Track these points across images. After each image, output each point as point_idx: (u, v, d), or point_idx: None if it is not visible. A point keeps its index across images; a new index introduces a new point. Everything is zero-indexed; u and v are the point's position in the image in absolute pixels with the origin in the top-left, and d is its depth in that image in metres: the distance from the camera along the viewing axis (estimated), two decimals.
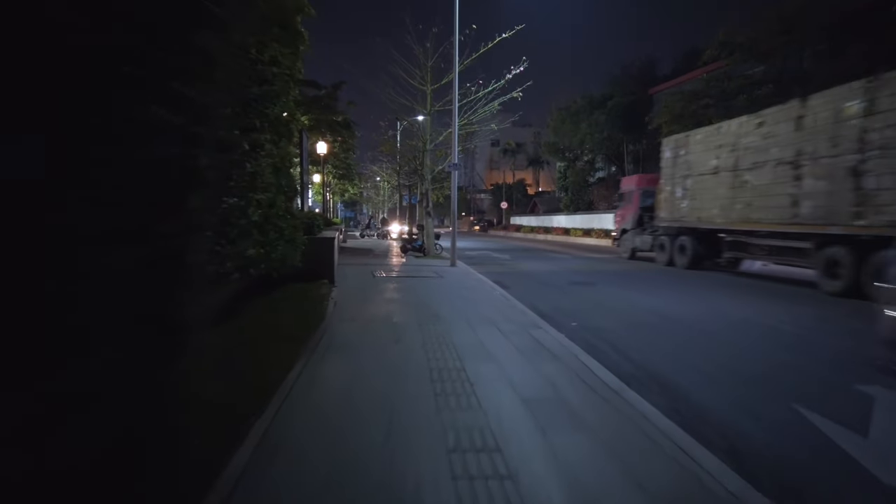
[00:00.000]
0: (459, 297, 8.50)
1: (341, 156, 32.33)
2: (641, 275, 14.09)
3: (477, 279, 11.29)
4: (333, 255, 9.67)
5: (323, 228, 11.11)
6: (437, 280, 10.80)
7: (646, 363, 5.27)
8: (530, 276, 13.58)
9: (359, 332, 5.79)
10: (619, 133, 35.70)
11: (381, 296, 8.49)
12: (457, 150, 14.07)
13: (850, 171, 9.74)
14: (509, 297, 8.81)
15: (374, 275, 11.45)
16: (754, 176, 12.38)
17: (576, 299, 9.62)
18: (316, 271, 9.37)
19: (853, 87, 10.14)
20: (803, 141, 11.02)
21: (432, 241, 17.20)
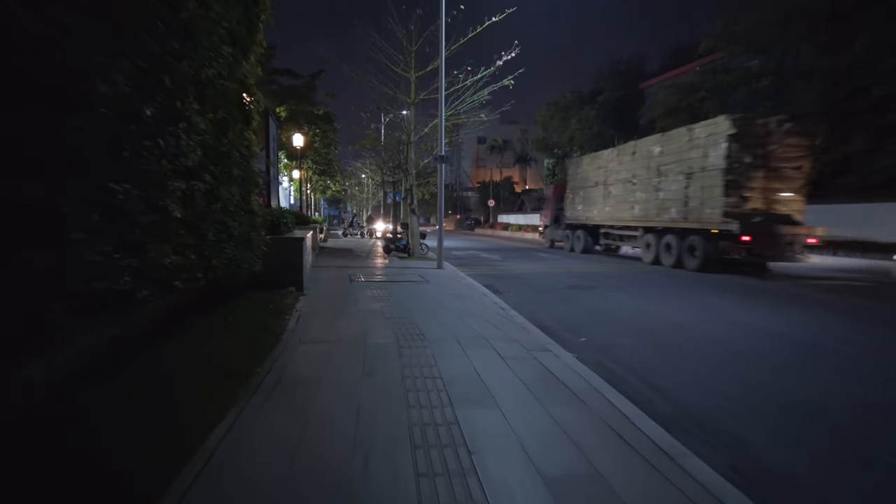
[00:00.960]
0: (448, 308, 7.30)
1: (322, 151, 31.00)
2: (639, 277, 13.02)
3: (467, 284, 10.10)
4: (303, 257, 8.42)
5: (293, 227, 9.85)
6: (423, 285, 9.59)
7: (685, 400, 4.14)
8: (523, 279, 12.43)
9: (321, 360, 4.56)
10: (611, 129, 34.75)
11: (357, 306, 7.26)
12: (444, 141, 12.86)
13: (654, 187, 16.01)
14: (505, 306, 7.63)
15: (352, 279, 10.20)
16: (614, 189, 18.52)
17: (577, 307, 8.50)
18: (282, 277, 8.13)
19: (655, 137, 16.82)
20: (635, 168, 17.15)
21: (417, 240, 15.98)
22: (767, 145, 13.10)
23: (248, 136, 7.49)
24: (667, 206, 15.33)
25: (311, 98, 20.75)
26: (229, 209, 5.85)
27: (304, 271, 8.82)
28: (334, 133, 31.44)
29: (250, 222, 6.96)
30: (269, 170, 9.49)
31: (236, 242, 5.99)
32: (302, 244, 8.38)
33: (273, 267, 7.78)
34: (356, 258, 15.61)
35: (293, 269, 8.27)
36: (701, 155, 13.87)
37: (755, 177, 13.03)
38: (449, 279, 10.73)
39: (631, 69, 39.07)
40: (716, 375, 4.86)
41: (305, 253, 9.33)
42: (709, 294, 10.20)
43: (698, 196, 13.94)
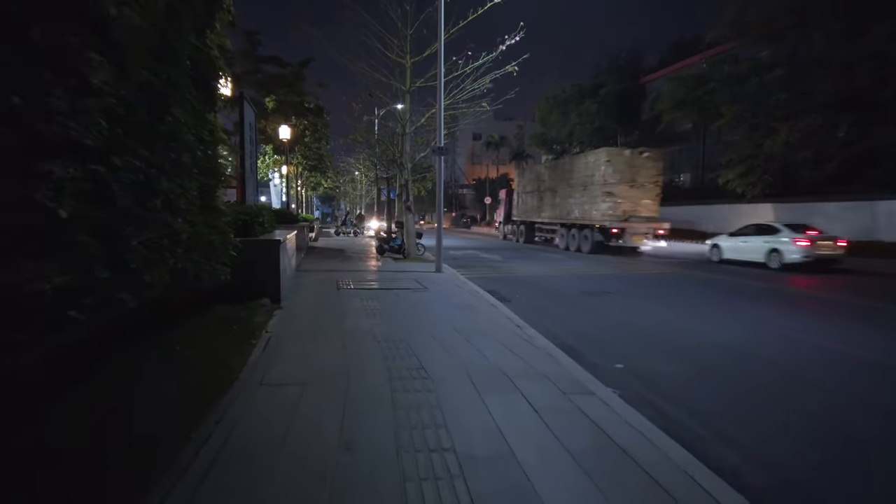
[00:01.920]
0: (452, 325, 6.06)
1: (313, 145, 29.65)
2: (647, 280, 11.86)
3: (470, 290, 8.88)
4: (281, 262, 7.16)
5: (271, 227, 8.57)
6: (420, 294, 8.35)
7: (783, 465, 2.93)
8: (531, 283, 11.21)
9: (283, 418, 3.30)
10: (613, 123, 33.56)
11: (342, 324, 6.00)
12: (442, 131, 11.61)
13: (566, 196, 21.15)
14: (520, 322, 6.40)
15: (340, 286, 8.95)
16: (544, 196, 23.74)
17: (598, 318, 7.35)
18: (255, 286, 6.87)
19: (567, 158, 23.05)
20: (556, 181, 22.39)
21: (413, 240, 14.72)
22: (632, 167, 18.77)
23: (211, 118, 6.24)
24: (573, 209, 21.10)
25: (299, 87, 19.43)
26: (177, 207, 4.60)
27: (284, 278, 7.57)
28: (325, 127, 30.07)
29: (211, 223, 5.71)
30: (243, 161, 8.20)
31: (187, 248, 4.73)
32: (279, 247, 7.11)
33: (244, 275, 6.53)
34: (347, 260, 14.34)
35: (269, 277, 7.01)
36: (590, 174, 19.72)
37: (623, 189, 18.75)
38: (449, 285, 9.50)
39: (629, 64, 37.88)
40: (807, 423, 3.66)
41: (285, 257, 8.07)
42: (730, 299, 9.03)
43: (589, 202, 19.81)
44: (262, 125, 19.54)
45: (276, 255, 7.06)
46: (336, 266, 12.54)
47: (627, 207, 18.67)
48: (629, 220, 18.48)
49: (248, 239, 6.95)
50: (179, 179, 4.64)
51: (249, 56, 18.26)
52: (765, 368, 5.10)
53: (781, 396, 4.29)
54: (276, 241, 7.07)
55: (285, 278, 7.79)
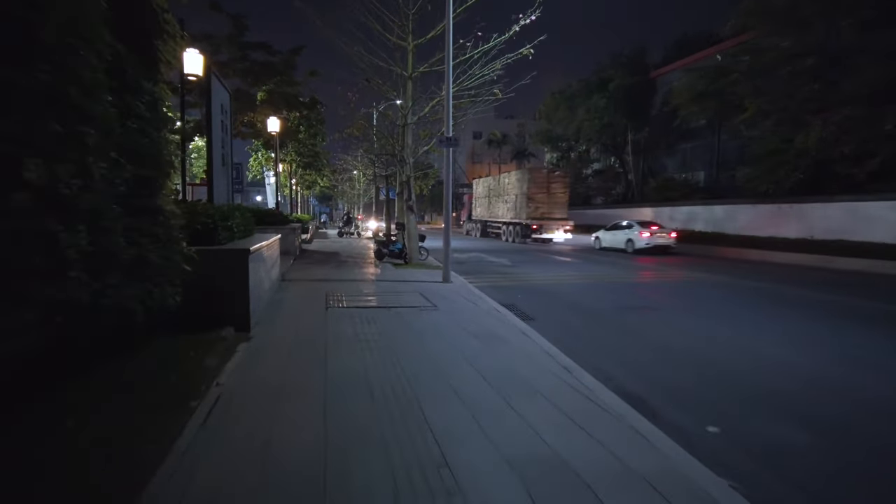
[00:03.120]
0: (476, 368, 4.47)
1: (308, 142, 28.03)
2: (675, 286, 10.24)
3: (488, 310, 7.29)
4: (250, 278, 5.56)
5: (245, 232, 6.97)
6: (429, 315, 6.76)
7: None
8: (552, 293, 9.65)
9: None
10: (623, 119, 31.94)
11: (325, 368, 4.40)
12: (451, 118, 10.02)
13: (505, 200, 29.10)
14: (565, 361, 4.78)
15: (330, 303, 7.36)
16: (492, 200, 31.60)
17: (651, 346, 5.82)
18: (216, 310, 5.30)
19: (506, 174, 30.54)
20: (500, 189, 30.13)
21: (416, 243, 13.14)
22: (548, 182, 26.73)
23: (153, 90, 4.67)
24: (509, 211, 28.75)
25: (290, 76, 17.85)
26: (70, 206, 3.03)
27: (256, 298, 5.99)
28: (321, 123, 28.45)
29: (148, 230, 4.17)
30: (209, 150, 6.60)
31: (94, 269, 3.18)
32: (250, 259, 5.52)
33: (202, 295, 4.97)
34: (341, 266, 12.75)
35: (235, 298, 5.43)
36: (519, 186, 27.37)
37: (541, 197, 26.53)
38: (461, 300, 7.91)
39: (632, 61, 36.24)
40: None
41: (260, 270, 6.49)
42: (804, 318, 7.42)
43: (519, 206, 27.40)
44: (251, 117, 17.96)
45: (245, 270, 5.47)
46: (328, 274, 10.95)
47: (544, 210, 26.54)
48: (544, 219, 26.23)
49: (209, 248, 5.38)
50: (72, 164, 3.05)
51: (235, 42, 16.67)
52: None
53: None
54: (244, 250, 5.48)
55: (259, 297, 6.20)
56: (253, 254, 5.76)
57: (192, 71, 8.26)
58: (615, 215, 29.96)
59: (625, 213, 31.54)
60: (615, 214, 31.20)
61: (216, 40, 17.24)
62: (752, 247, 20.03)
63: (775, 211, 21.28)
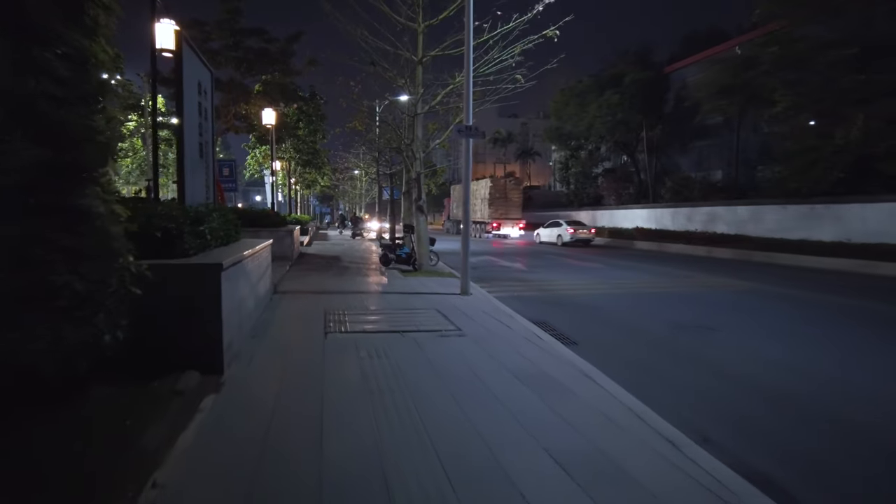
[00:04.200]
0: (548, 451, 3.05)
1: (307, 139, 26.67)
2: (743, 301, 8.83)
3: (525, 334, 5.87)
4: (223, 302, 4.15)
5: (225, 237, 5.57)
6: (454, 344, 5.35)
7: None
8: (587, 308, 8.25)
9: None
10: (638, 115, 30.50)
11: (321, 453, 2.98)
12: (471, 105, 8.61)
13: (479, 203, 34.46)
14: (666, 430, 3.35)
15: (329, 326, 5.97)
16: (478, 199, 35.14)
17: (755, 392, 4.34)
18: (175, 346, 3.92)
19: (475, 182, 34.68)
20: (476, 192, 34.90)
21: (426, 248, 11.74)
22: (506, 188, 33.18)
23: (79, 42, 3.28)
24: (477, 211, 34.05)
25: (288, 65, 16.47)
26: None
27: (235, 324, 4.60)
28: (321, 120, 27.10)
29: (69, 243, 2.82)
30: (180, 136, 5.20)
31: None
32: (221, 276, 4.11)
33: (157, 326, 3.61)
34: (343, 273, 11.36)
35: (202, 328, 4.03)
36: (484, 192, 33.76)
37: (499, 201, 32.88)
38: (489, 320, 6.51)
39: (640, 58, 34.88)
40: None
41: (242, 286, 5.10)
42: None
43: (482, 208, 33.62)
44: (244, 109, 16.58)
45: (216, 290, 4.07)
46: (327, 284, 9.57)
47: (503, 212, 32.93)
48: (503, 219, 32.63)
49: (169, 263, 3.99)
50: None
51: (228, 28, 15.29)
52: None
53: None
54: (215, 265, 4.07)
55: (238, 324, 4.80)
56: (229, 269, 4.36)
57: (164, 46, 6.91)
58: (622, 216, 31.78)
59: (631, 213, 30.24)
60: (622, 216, 31.96)
61: (207, 27, 15.86)
62: (781, 250, 18.65)
63: (807, 212, 19.86)
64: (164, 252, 4.18)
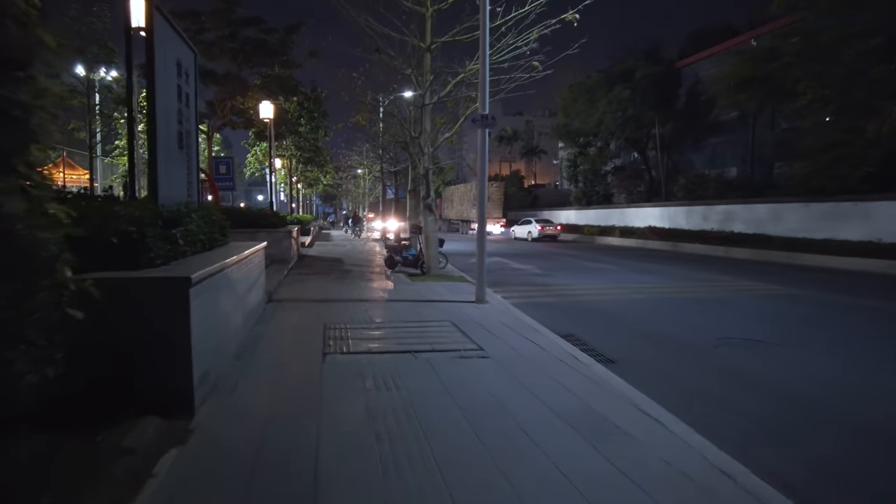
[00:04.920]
0: None
1: (309, 136, 25.85)
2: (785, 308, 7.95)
3: (558, 353, 5.01)
4: (190, 327, 3.31)
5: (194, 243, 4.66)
6: (478, 370, 4.51)
7: None
8: (614, 317, 7.38)
9: None
10: (650, 111, 29.55)
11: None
12: (487, 92, 7.75)
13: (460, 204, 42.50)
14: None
15: (328, 344, 5.14)
16: (457, 203, 43.18)
17: (842, 428, 3.42)
18: (134, 379, 3.09)
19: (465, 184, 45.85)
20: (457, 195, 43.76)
21: (435, 251, 10.90)
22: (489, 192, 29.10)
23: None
24: (464, 211, 39.17)
25: (288, 57, 15.65)
26: None
27: (210, 350, 3.78)
28: (323, 117, 26.26)
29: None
30: (151, 123, 4.37)
31: None
32: (189, 293, 3.27)
33: (109, 356, 2.80)
34: (345, 277, 10.54)
35: (166, 360, 3.20)
36: (468, 192, 38.49)
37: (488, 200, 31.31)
38: (514, 336, 5.67)
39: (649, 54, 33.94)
40: None
41: (222, 303, 4.27)
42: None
43: (468, 208, 38.08)
44: (241, 103, 15.76)
45: (184, 312, 3.22)
46: (328, 290, 8.75)
47: (489, 210, 34.04)
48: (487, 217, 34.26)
49: (121, 277, 3.17)
50: None
51: (223, 18, 14.48)
52: None
53: None
54: (182, 280, 3.22)
55: (214, 349, 3.97)
56: (203, 282, 3.53)
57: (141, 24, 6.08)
58: (633, 215, 30.74)
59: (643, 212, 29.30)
60: (634, 214, 30.89)
61: (202, 18, 15.05)
62: (804, 250, 17.74)
63: (831, 210, 18.89)
64: (123, 262, 3.36)
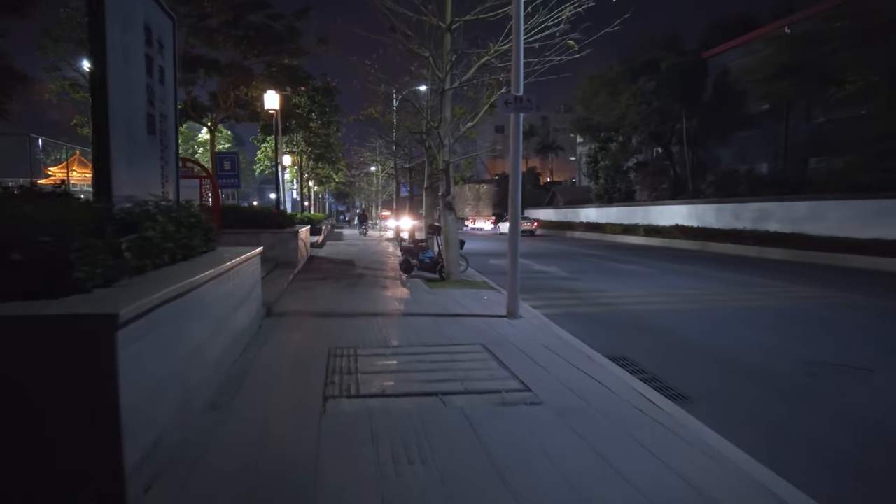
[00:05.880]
0: None
1: (321, 131, 24.86)
2: (868, 322, 6.74)
3: (632, 400, 3.87)
4: (116, 388, 2.23)
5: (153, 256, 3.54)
6: (526, 424, 3.38)
7: None
8: (666, 333, 6.20)
9: None
10: (677, 103, 28.12)
11: None
12: (521, 71, 6.59)
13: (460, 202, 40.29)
14: None
15: (332, 384, 4.05)
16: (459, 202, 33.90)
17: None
18: (30, 474, 2.00)
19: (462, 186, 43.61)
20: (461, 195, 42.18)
21: (455, 254, 9.77)
22: (480, 192, 47.48)
23: None
24: (461, 210, 32.24)
25: (296, 44, 14.61)
26: None
27: (161, 410, 2.70)
28: (335, 112, 25.26)
29: None
30: (101, 94, 3.30)
31: None
32: (117, 337, 2.18)
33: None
34: (356, 285, 9.47)
35: (82, 442, 2.13)
36: (463, 193, 43.41)
37: (474, 201, 46.80)
38: (561, 365, 4.53)
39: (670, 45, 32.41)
40: None
41: (190, 336, 3.19)
42: None
43: (462, 207, 42.14)
44: (245, 93, 14.77)
45: (106, 366, 2.13)
46: (337, 300, 7.67)
47: (478, 209, 44.02)
48: (478, 216, 42.54)
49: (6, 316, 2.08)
50: None
51: (226, 2, 13.46)
52: None
53: None
54: (101, 319, 2.11)
55: (168, 408, 2.87)
56: (143, 319, 2.44)
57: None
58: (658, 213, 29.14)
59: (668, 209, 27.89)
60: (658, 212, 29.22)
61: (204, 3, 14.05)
62: (850, 251, 16.36)
63: (880, 207, 17.44)
64: (34, 287, 2.30)
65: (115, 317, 2.11)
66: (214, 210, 9.29)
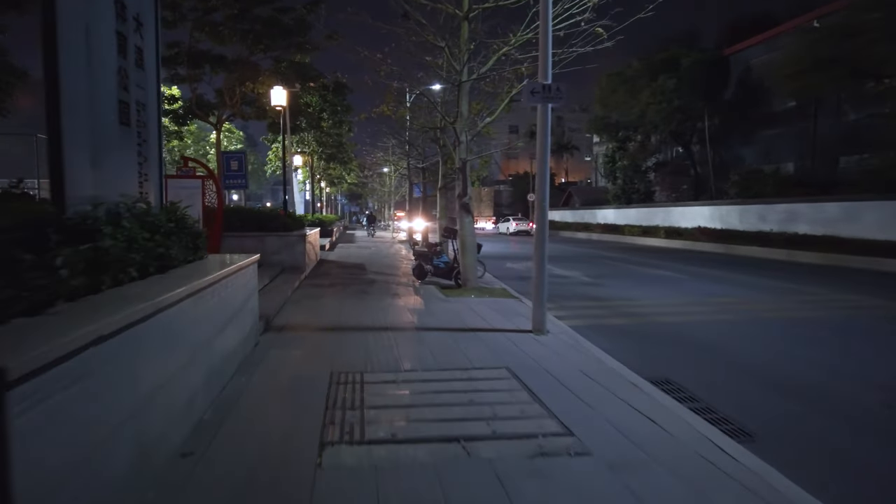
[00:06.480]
0: None
1: (332, 131, 24.32)
2: None
3: (699, 448, 3.16)
4: (8, 477, 1.63)
5: (95, 271, 2.92)
6: (573, 486, 2.71)
7: None
8: (716, 352, 5.42)
9: None
10: (699, 101, 27.16)
11: None
12: (549, 57, 5.89)
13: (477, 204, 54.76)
14: None
15: (331, 423, 3.39)
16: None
17: None
18: None
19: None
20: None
21: (473, 259, 9.08)
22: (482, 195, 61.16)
23: None
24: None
25: (305, 38, 14.01)
26: None
27: (102, 479, 2.05)
28: (346, 111, 24.69)
29: None
30: (52, 76, 2.66)
31: None
32: (4, 396, 1.56)
33: None
34: (366, 292, 8.83)
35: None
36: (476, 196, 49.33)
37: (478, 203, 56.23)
38: (602, 396, 3.82)
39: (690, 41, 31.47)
40: None
41: (151, 371, 2.54)
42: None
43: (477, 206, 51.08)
44: (252, 89, 14.23)
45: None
46: (343, 311, 7.02)
47: (479, 210, 51.81)
48: (479, 216, 43.16)
49: None
50: None
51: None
52: None
53: None
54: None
55: (102, 485, 2.24)
56: (51, 371, 1.80)
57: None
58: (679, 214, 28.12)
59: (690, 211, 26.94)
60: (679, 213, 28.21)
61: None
62: (889, 255, 15.40)
63: None
64: None
65: (1, 373, 1.45)
66: (217, 212, 8.73)
